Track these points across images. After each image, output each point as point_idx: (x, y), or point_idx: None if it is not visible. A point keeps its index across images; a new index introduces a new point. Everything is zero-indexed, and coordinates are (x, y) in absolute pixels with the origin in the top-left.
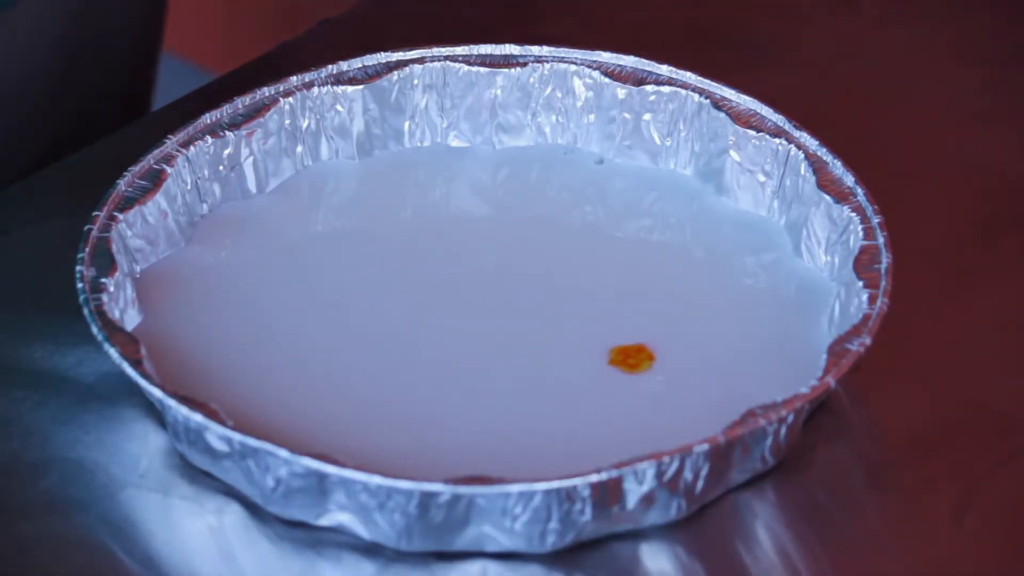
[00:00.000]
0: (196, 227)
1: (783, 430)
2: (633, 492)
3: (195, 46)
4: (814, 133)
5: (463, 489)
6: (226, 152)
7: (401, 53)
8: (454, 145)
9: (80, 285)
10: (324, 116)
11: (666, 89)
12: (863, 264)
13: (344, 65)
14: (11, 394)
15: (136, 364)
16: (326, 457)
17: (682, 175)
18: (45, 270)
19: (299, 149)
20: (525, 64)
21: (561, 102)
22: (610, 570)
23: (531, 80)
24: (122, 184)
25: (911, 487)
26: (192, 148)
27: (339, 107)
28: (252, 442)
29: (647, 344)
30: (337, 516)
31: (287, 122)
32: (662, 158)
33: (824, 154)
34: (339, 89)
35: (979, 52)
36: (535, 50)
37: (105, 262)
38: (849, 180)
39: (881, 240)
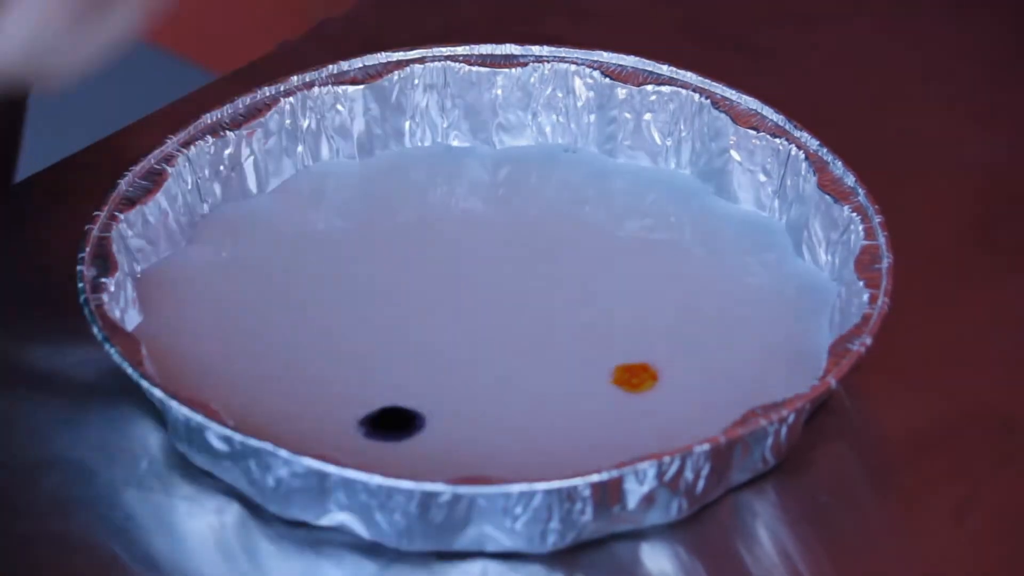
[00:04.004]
0: (197, 227)
1: (784, 430)
2: (634, 492)
3: (195, 46)
4: (815, 133)
5: (464, 489)
6: (227, 152)
7: (402, 53)
8: (455, 145)
9: (80, 285)
10: (325, 116)
11: (667, 89)
12: (864, 264)
13: (345, 65)
14: (12, 394)
15: (137, 364)
16: (327, 457)
17: (683, 175)
18: (45, 270)
19: (300, 149)
20: (526, 64)
21: (562, 102)
22: (611, 570)
23: (532, 80)
24: (123, 184)
25: (912, 487)
26: (193, 148)
27: (340, 107)
28: (253, 442)
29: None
30: (338, 516)
31: (288, 122)
32: (663, 158)
33: (825, 154)
34: (340, 89)
35: (979, 52)
36: (536, 50)
37: (105, 262)
38: (850, 180)
39: (882, 240)
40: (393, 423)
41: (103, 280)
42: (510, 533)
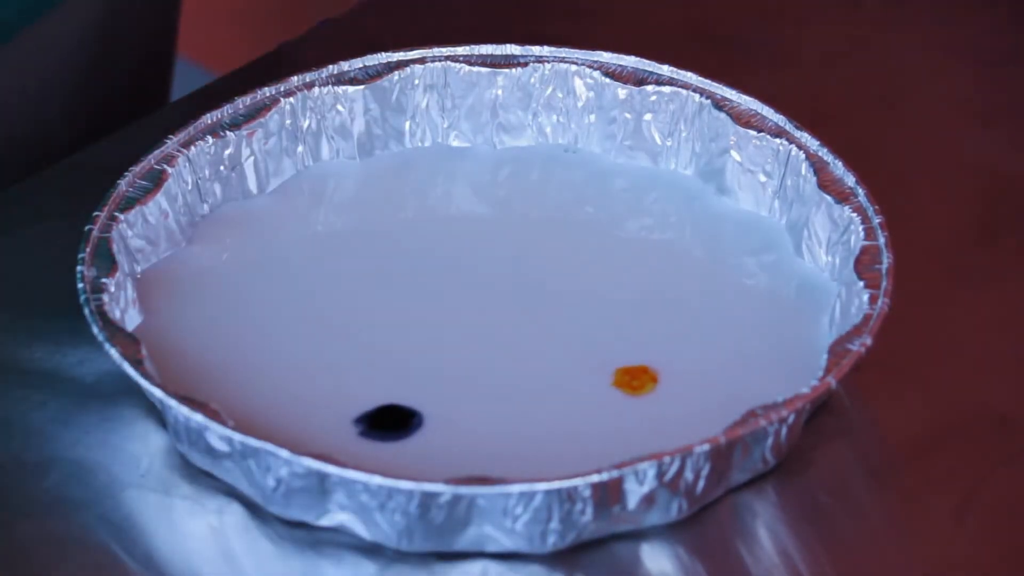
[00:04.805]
0: (197, 227)
1: (784, 430)
2: (634, 492)
3: (195, 46)
4: (815, 133)
5: (464, 489)
6: (227, 152)
7: (402, 53)
8: (455, 145)
9: (81, 285)
10: (325, 116)
11: (667, 89)
12: (864, 264)
13: (345, 65)
14: (11, 394)
15: (137, 364)
16: (327, 457)
17: (683, 175)
18: (45, 270)
19: (300, 149)
20: (526, 64)
21: (562, 102)
22: (611, 570)
23: (532, 80)
24: (123, 184)
25: (912, 487)
26: (193, 148)
27: (340, 107)
28: (253, 442)
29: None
30: (338, 516)
31: (288, 122)
32: (663, 158)
33: (825, 154)
34: (340, 89)
35: (979, 52)
36: (536, 50)
37: (106, 262)
38: (850, 180)
39: (882, 240)
40: (391, 421)
41: (103, 280)
42: (510, 533)
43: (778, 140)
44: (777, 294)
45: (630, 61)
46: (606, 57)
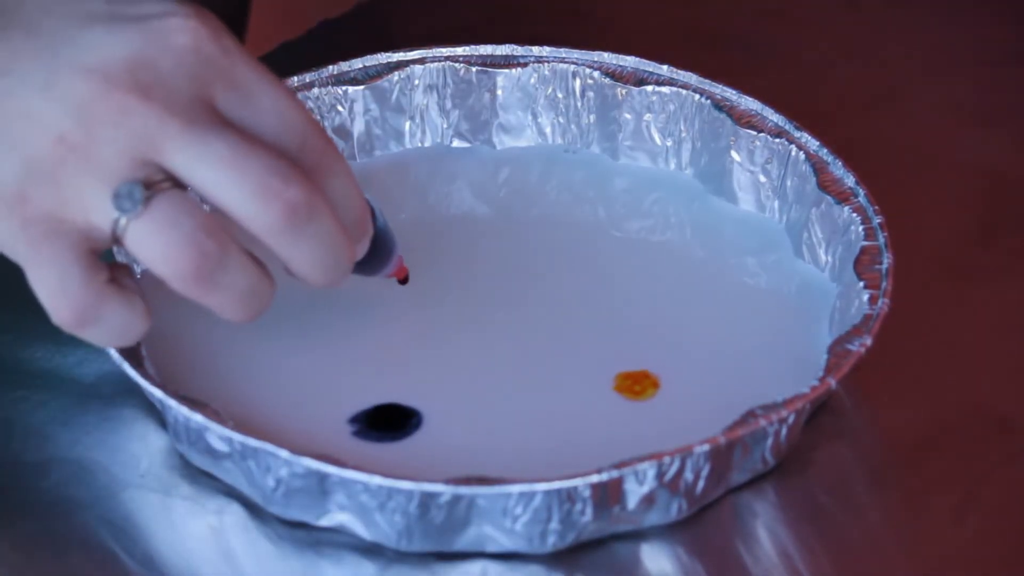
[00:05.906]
0: None
1: (784, 430)
2: (634, 492)
3: None
4: (815, 133)
5: (464, 489)
6: None
7: (402, 53)
8: (455, 145)
9: None
10: (325, 116)
11: (667, 89)
12: (864, 264)
13: (345, 65)
14: (12, 394)
15: (137, 364)
16: (327, 457)
17: (683, 175)
18: None
19: None
20: (526, 64)
21: (562, 102)
22: (611, 570)
23: (532, 80)
24: None
25: (911, 487)
26: None
27: (340, 107)
28: (253, 442)
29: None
30: (337, 516)
31: None
32: (663, 158)
33: (825, 155)
34: (340, 89)
35: (979, 52)
36: (536, 50)
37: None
38: (850, 180)
39: (882, 240)
40: (388, 421)
41: None
42: (510, 533)
43: (778, 140)
44: (777, 294)
45: (630, 61)
46: (606, 57)
